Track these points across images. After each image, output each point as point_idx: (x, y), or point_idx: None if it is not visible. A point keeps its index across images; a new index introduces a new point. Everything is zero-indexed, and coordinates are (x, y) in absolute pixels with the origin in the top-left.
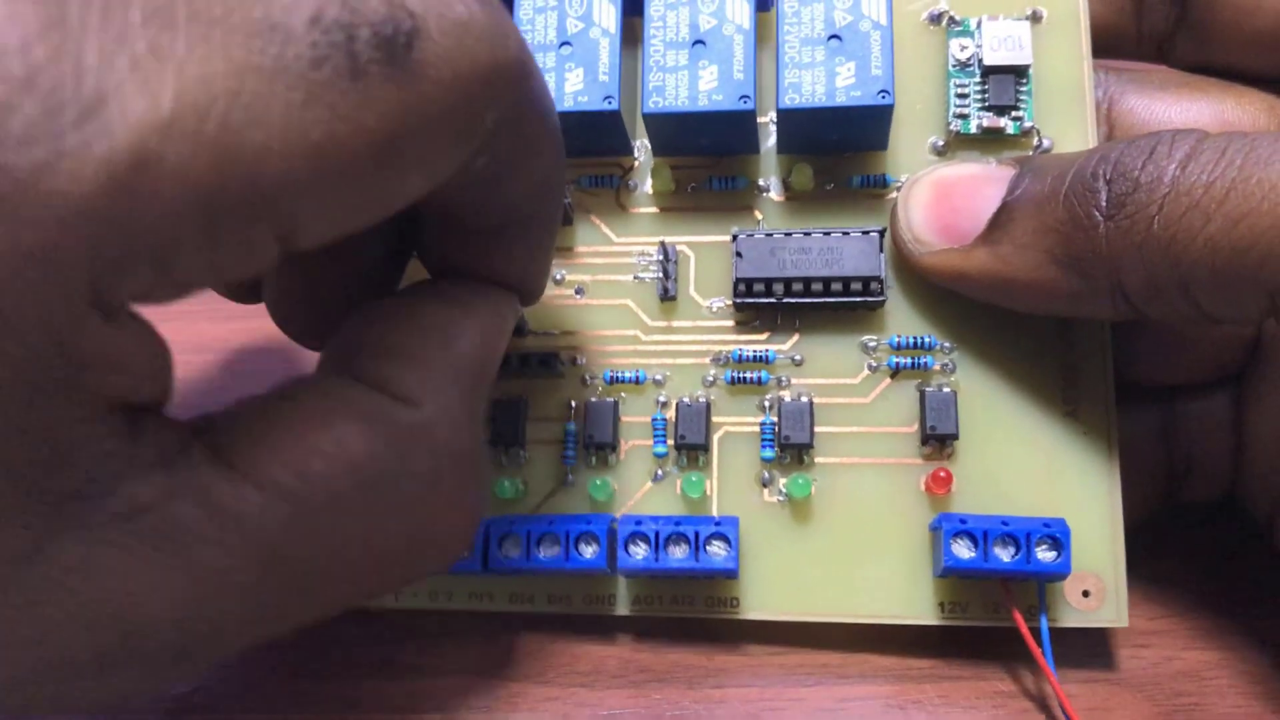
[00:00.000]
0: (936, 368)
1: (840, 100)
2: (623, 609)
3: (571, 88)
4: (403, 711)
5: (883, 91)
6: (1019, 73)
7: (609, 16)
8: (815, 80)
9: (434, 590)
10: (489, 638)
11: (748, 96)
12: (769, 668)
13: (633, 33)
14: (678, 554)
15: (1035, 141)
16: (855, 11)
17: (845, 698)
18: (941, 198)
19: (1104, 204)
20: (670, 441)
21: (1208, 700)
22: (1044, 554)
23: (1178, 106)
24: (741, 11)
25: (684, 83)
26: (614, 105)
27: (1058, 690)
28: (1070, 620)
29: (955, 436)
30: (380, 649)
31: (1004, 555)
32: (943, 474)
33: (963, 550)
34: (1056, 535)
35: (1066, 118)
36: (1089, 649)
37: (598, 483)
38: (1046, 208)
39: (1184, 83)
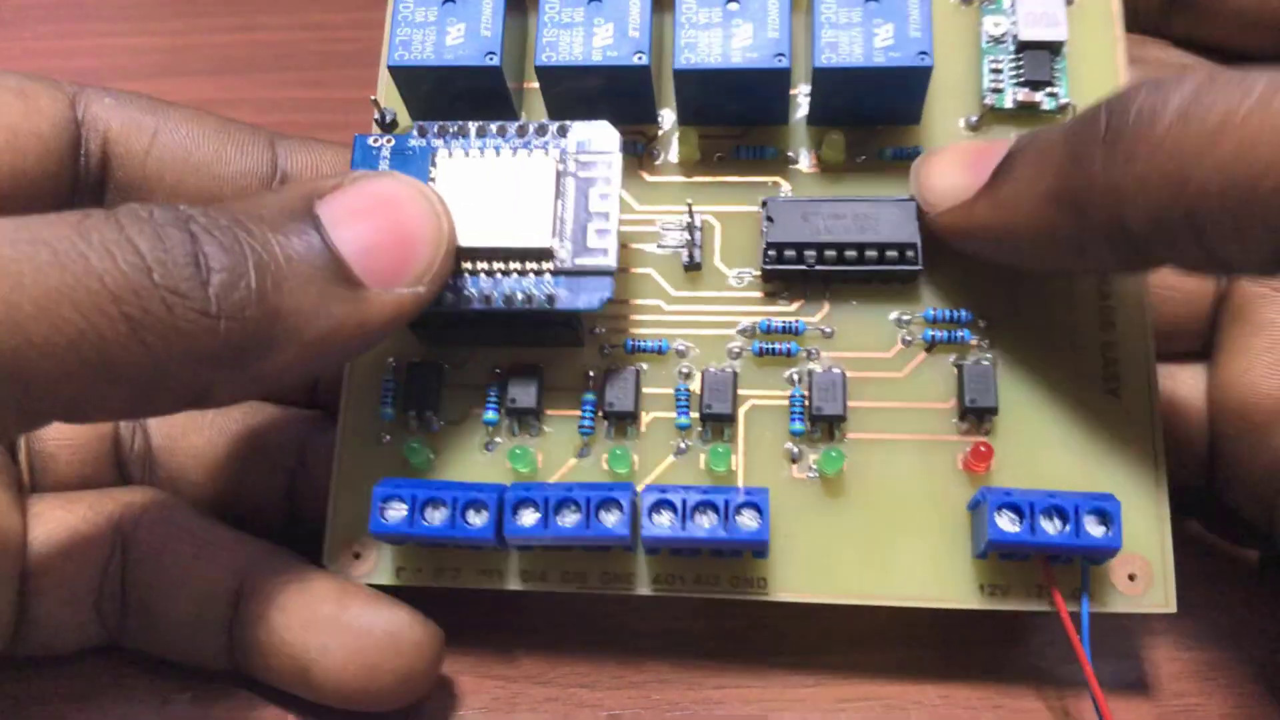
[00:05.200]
0: (973, 343)
1: (878, 61)
2: (643, 588)
3: (600, 42)
4: (403, 712)
5: (922, 53)
6: (1054, 49)
7: None
8: (853, 40)
9: (440, 567)
10: (489, 637)
11: (783, 55)
12: (770, 668)
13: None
14: (705, 524)
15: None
16: None
17: (846, 698)
18: (956, 157)
19: (1103, 131)
20: (694, 414)
21: (1209, 700)
22: (1093, 528)
23: None
24: None
25: (717, 40)
26: (645, 60)
27: (1091, 679)
28: (1116, 605)
29: (995, 411)
30: None
31: (1050, 529)
32: (983, 448)
33: (1007, 524)
34: (1106, 509)
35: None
36: (1093, 650)
37: (618, 453)
38: (1047, 149)
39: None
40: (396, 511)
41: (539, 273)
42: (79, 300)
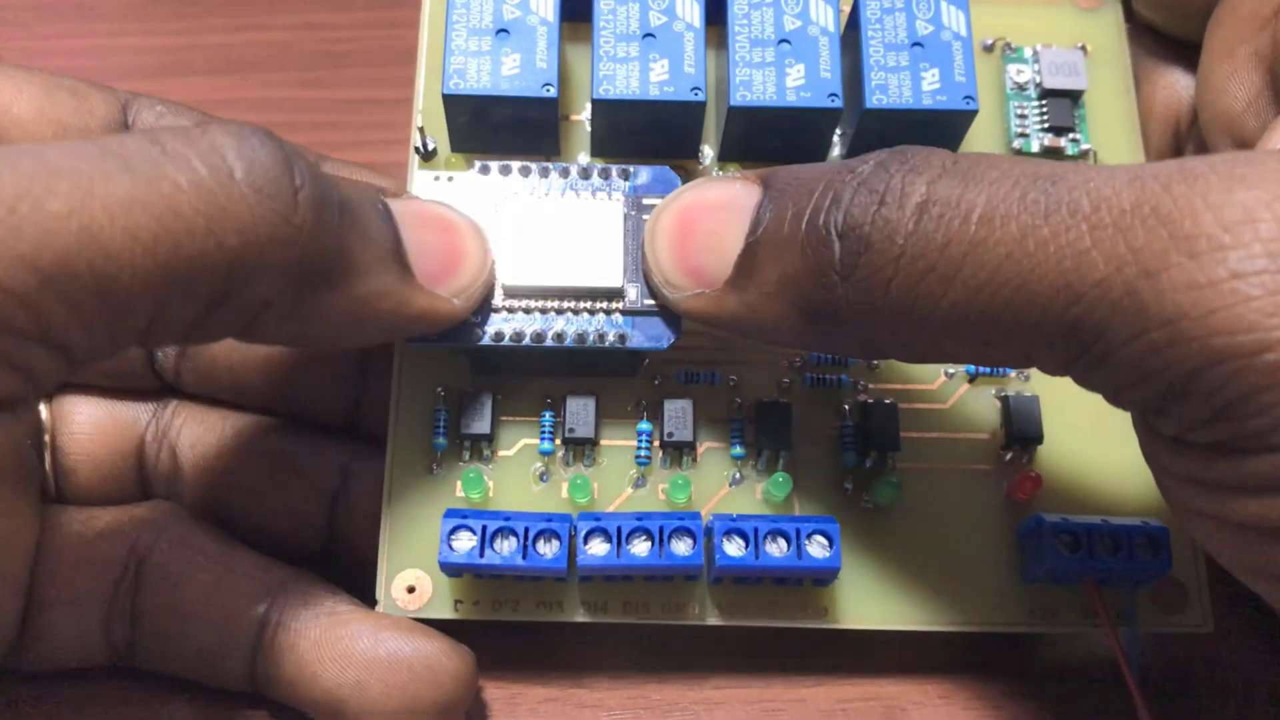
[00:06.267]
0: (1013, 375)
1: (927, 104)
2: (710, 619)
3: (656, 78)
4: None
5: (968, 97)
6: (1074, 97)
7: (693, 12)
8: (901, 84)
9: (499, 599)
10: (490, 639)
11: (835, 94)
12: (770, 668)
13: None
14: (776, 552)
15: (1091, 164)
16: (936, 22)
17: (845, 699)
18: (686, 234)
19: (838, 263)
20: (748, 444)
21: (1208, 703)
22: (1143, 554)
23: None
24: (826, 14)
25: (771, 78)
26: (701, 96)
27: (1137, 696)
28: (1158, 626)
29: (1040, 440)
30: None
31: (1105, 553)
32: (1034, 475)
33: (1065, 547)
34: (1155, 535)
35: (1117, 143)
36: (1090, 652)
37: (679, 481)
38: (786, 255)
39: None
40: (464, 542)
41: (609, 312)
42: (152, 203)
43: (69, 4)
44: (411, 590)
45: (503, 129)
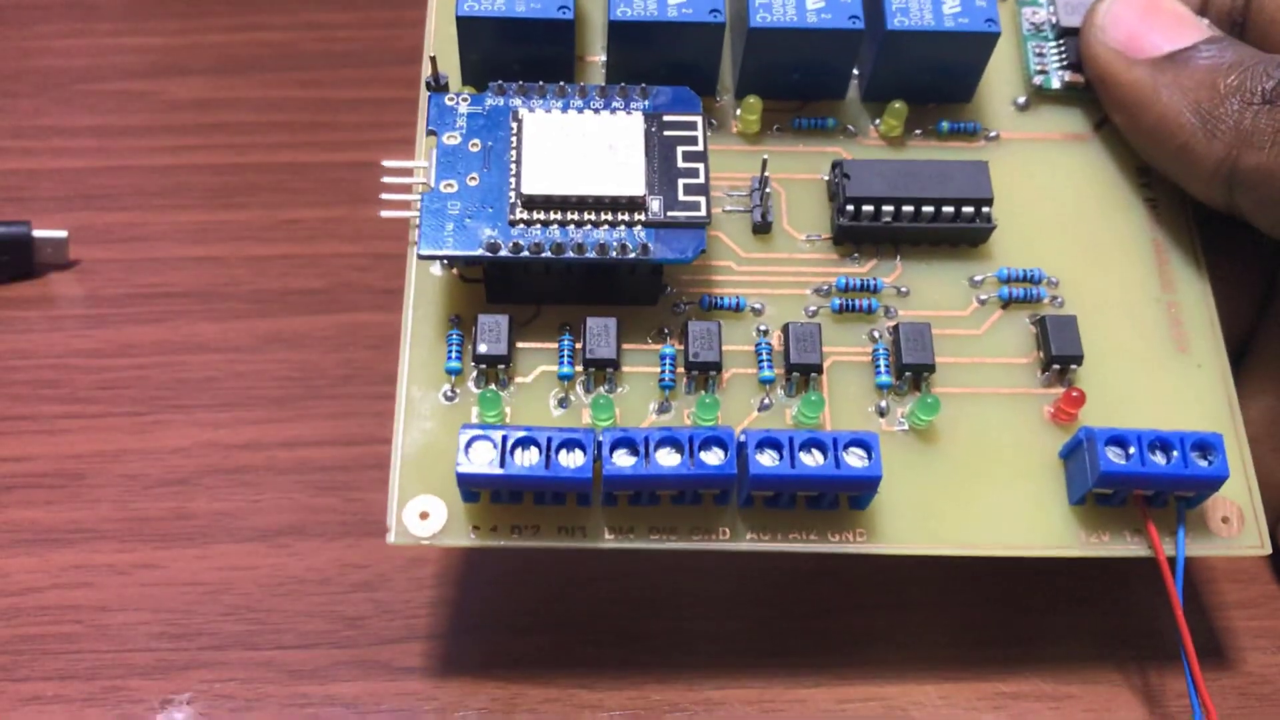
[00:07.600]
0: (1046, 300)
1: (949, 26)
2: (740, 542)
3: (675, 0)
4: (401, 712)
5: (989, 20)
6: None
7: None
8: (923, 6)
9: (516, 524)
10: (490, 636)
11: (857, 17)
12: (770, 668)
13: None
14: (811, 462)
15: None
16: None
17: (846, 698)
18: (1150, 10)
19: (1269, 88)
20: (779, 370)
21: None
22: (1198, 461)
23: None
24: None
25: (790, 2)
26: (720, 18)
27: (1181, 623)
28: (1213, 548)
29: (1080, 360)
30: (380, 649)
31: (1159, 460)
32: (1075, 393)
33: (1116, 456)
34: (1209, 441)
35: None
36: (1094, 649)
37: (706, 400)
38: (1220, 72)
39: None
40: (483, 454)
41: (630, 224)
42: None
43: (69, 4)
44: (424, 516)
45: (516, 65)
